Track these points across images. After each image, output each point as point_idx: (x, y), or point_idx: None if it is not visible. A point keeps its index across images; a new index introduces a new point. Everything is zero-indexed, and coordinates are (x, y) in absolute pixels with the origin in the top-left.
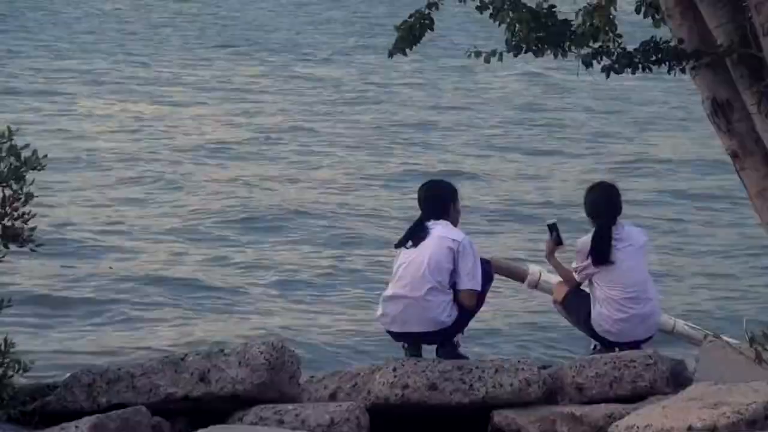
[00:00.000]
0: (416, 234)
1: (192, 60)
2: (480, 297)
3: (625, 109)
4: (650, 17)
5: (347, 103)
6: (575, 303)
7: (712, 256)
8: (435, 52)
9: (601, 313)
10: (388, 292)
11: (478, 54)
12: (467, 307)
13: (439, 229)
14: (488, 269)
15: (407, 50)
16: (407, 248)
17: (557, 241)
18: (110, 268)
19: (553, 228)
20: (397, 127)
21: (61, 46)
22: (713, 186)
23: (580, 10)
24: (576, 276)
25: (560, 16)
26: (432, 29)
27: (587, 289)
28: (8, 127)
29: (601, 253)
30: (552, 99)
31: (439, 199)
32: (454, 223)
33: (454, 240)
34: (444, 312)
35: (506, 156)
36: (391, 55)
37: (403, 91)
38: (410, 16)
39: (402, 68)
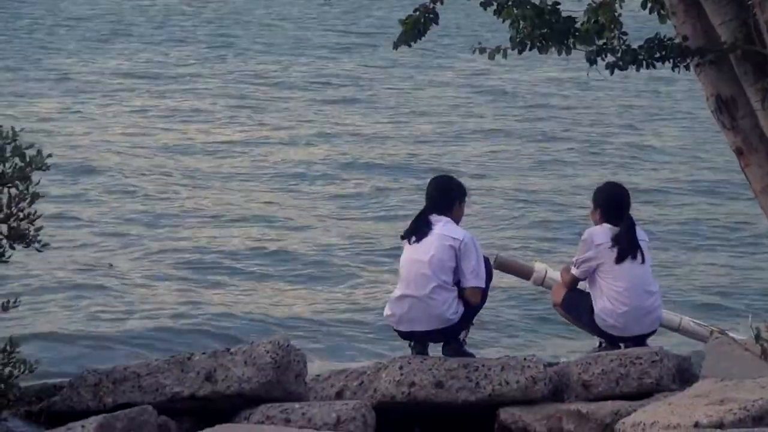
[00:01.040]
0: (419, 228)
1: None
2: (483, 293)
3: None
4: (656, 13)
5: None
6: (575, 302)
7: (718, 253)
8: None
9: (605, 308)
10: (396, 293)
11: (482, 50)
12: (472, 304)
13: (440, 226)
14: (488, 266)
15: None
16: (411, 243)
17: None
18: (110, 265)
19: None
20: None
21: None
22: (719, 180)
23: (588, 5)
24: (575, 270)
25: (564, 13)
26: (437, 23)
27: (585, 289)
28: (12, 128)
29: (628, 250)
30: None
31: (445, 195)
32: (457, 222)
33: (455, 238)
34: (450, 309)
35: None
36: (395, 47)
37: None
38: (415, 11)
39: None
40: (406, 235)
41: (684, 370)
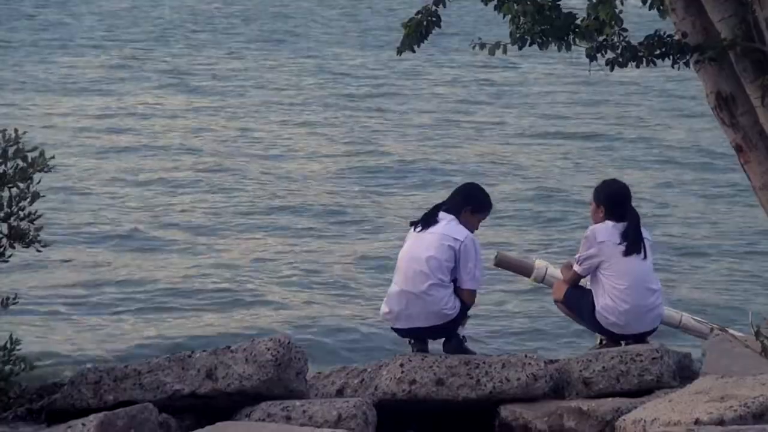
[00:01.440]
0: (427, 218)
1: None
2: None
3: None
4: (656, 9)
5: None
6: (576, 299)
7: (718, 249)
8: None
9: (606, 305)
10: (393, 288)
11: (482, 46)
12: (466, 304)
13: (443, 224)
14: None
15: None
16: (416, 230)
17: None
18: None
19: None
20: None
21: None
22: (719, 176)
23: (588, 1)
24: (577, 267)
25: (564, 9)
26: (439, 26)
27: (587, 285)
28: (15, 130)
29: (634, 245)
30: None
31: (457, 198)
32: (471, 231)
33: (455, 239)
34: (447, 304)
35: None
36: (399, 52)
37: None
38: (417, 13)
39: None
40: (414, 224)
41: (684, 367)
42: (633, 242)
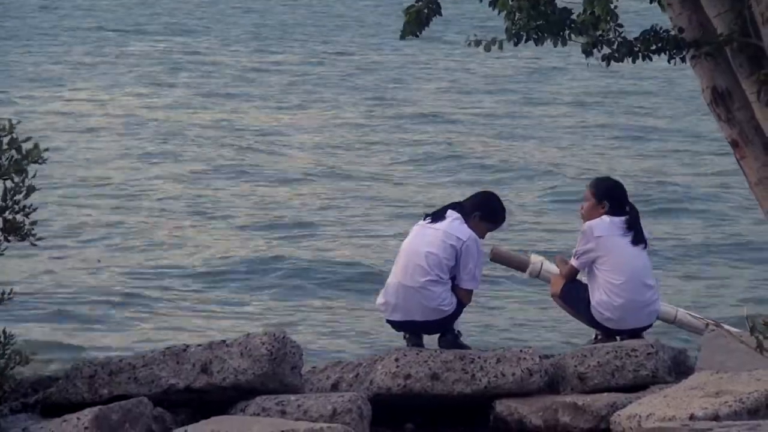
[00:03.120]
0: (436, 213)
1: None
2: None
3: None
4: (657, 3)
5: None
6: (573, 294)
7: (714, 245)
8: None
9: (601, 301)
10: (391, 279)
11: (478, 43)
12: (463, 302)
13: (448, 221)
14: None
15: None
16: (424, 220)
17: None
18: (98, 261)
19: None
20: None
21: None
22: (716, 171)
23: None
24: (574, 262)
25: (559, 5)
26: (440, 14)
27: (583, 280)
28: (9, 120)
29: (639, 234)
30: None
31: (473, 203)
32: (481, 237)
33: (459, 238)
34: (444, 301)
35: None
36: (402, 38)
37: None
38: (417, 1)
39: None
40: (426, 216)
41: (679, 363)
42: (637, 233)
